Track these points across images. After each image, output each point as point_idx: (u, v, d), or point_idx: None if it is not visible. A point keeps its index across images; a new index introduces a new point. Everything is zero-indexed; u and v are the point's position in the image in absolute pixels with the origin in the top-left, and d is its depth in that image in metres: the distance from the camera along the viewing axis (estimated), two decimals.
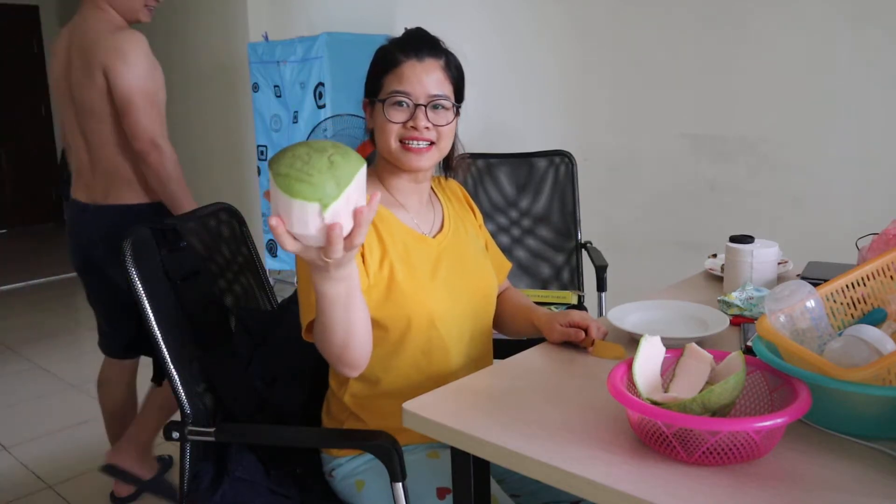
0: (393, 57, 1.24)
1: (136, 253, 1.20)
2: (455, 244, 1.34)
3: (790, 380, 0.91)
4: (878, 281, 1.08)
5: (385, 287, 1.21)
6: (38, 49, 7.40)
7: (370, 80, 1.29)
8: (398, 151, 1.24)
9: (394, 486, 1.08)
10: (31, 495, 2.33)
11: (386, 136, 1.24)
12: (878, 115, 2.50)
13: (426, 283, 1.24)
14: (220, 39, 4.97)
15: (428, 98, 1.23)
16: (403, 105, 1.23)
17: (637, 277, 2.97)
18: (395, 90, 1.22)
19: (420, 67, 1.23)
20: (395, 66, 1.24)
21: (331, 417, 1.34)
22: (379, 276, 1.21)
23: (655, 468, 0.83)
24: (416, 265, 1.25)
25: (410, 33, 1.28)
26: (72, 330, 4.15)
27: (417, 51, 1.24)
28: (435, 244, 1.30)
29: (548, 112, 3.40)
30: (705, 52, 2.88)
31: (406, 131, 1.23)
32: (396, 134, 1.23)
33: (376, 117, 1.26)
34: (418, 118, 1.22)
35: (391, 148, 1.24)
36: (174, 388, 1.21)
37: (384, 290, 1.21)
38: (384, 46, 1.28)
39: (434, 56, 1.25)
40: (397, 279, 1.21)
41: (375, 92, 1.26)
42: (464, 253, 1.35)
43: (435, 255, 1.29)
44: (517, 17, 3.48)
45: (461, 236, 1.37)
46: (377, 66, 1.27)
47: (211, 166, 5.35)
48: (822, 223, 2.64)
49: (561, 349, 1.25)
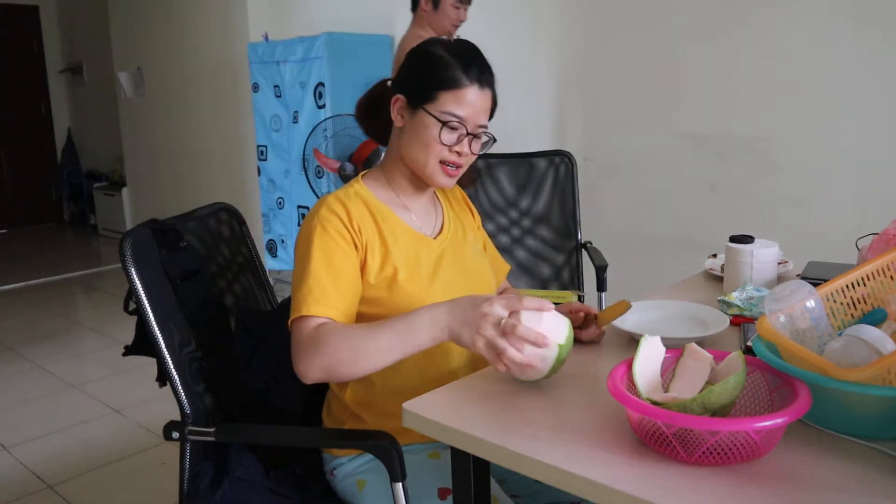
0: (455, 75, 1.22)
1: (136, 253, 1.20)
2: (455, 245, 1.34)
3: (790, 380, 0.91)
4: (878, 281, 1.08)
5: (387, 287, 1.22)
6: (38, 49, 7.40)
7: (418, 83, 1.24)
8: (434, 168, 1.24)
9: (394, 486, 1.08)
10: (31, 495, 2.33)
11: (427, 151, 1.23)
12: (878, 115, 2.50)
13: (427, 284, 1.25)
14: (220, 39, 4.97)
15: (476, 128, 1.25)
16: (456, 129, 1.22)
17: (637, 277, 2.97)
18: (455, 114, 1.21)
19: (480, 97, 1.24)
20: (457, 87, 1.22)
21: (332, 417, 1.34)
22: (380, 277, 1.22)
23: (655, 468, 0.83)
24: (418, 266, 1.25)
25: (473, 54, 1.25)
26: (72, 330, 4.15)
27: (480, 78, 1.23)
28: (436, 245, 1.31)
29: (548, 112, 3.40)
30: (705, 52, 2.88)
31: (449, 154, 1.23)
32: (439, 154, 1.23)
33: (416, 124, 1.24)
34: (464, 145, 1.24)
35: (427, 163, 1.24)
36: (174, 388, 1.21)
37: (386, 290, 1.22)
38: (442, 55, 1.24)
39: (490, 87, 1.26)
40: (399, 280, 1.22)
41: (423, 99, 1.23)
42: (463, 254, 1.35)
43: (436, 256, 1.29)
44: (517, 17, 3.48)
45: (461, 237, 1.38)
46: (433, 75, 1.23)
47: (211, 166, 5.35)
48: (822, 223, 2.64)
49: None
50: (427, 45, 1.28)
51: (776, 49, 2.69)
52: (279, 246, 4.35)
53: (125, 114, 6.25)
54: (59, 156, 7.64)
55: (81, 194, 7.34)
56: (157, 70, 5.67)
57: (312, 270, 1.16)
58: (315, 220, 1.21)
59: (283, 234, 4.31)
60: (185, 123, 5.53)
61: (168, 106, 5.65)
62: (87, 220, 7.30)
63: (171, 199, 5.80)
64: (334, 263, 1.17)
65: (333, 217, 1.21)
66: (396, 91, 1.27)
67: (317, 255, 1.17)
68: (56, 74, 7.55)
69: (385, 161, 1.34)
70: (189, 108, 5.43)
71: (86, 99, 7.41)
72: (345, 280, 1.18)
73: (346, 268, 1.19)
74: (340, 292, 1.17)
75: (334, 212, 1.21)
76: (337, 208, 1.22)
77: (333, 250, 1.18)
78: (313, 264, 1.17)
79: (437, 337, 1.07)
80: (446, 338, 1.07)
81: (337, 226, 1.20)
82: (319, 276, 1.16)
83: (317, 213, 1.22)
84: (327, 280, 1.16)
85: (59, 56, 7.54)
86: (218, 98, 5.11)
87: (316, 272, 1.16)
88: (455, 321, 1.06)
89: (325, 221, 1.20)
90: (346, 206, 1.23)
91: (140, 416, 2.87)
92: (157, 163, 5.99)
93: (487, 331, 1.02)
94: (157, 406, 2.87)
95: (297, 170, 4.07)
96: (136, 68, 5.90)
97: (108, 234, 6.83)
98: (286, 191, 4.21)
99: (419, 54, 1.28)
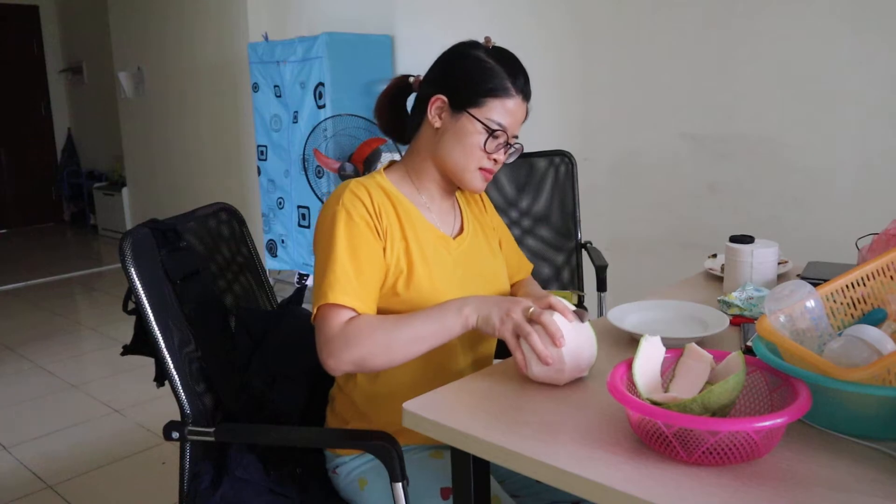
0: (504, 84, 1.22)
1: (136, 253, 1.20)
2: (473, 247, 1.35)
3: (790, 380, 0.91)
4: (878, 281, 1.08)
5: (402, 280, 1.21)
6: (38, 49, 7.41)
7: (464, 86, 1.23)
8: (472, 174, 1.26)
9: (394, 486, 1.08)
10: (31, 495, 2.33)
11: (468, 156, 1.24)
12: (878, 115, 2.50)
13: (443, 282, 1.24)
14: (220, 39, 4.97)
15: (512, 138, 1.27)
16: (499, 138, 1.24)
17: (637, 277, 2.97)
18: (502, 124, 1.23)
19: (521, 108, 1.26)
20: (506, 96, 1.22)
21: (335, 415, 1.34)
22: (396, 269, 1.21)
23: (655, 468, 0.83)
24: (438, 263, 1.26)
25: (518, 65, 1.26)
26: (72, 330, 4.15)
27: (524, 89, 1.25)
28: (455, 245, 1.31)
29: (548, 112, 3.40)
30: (706, 53, 2.88)
31: (488, 161, 1.25)
32: (480, 160, 1.25)
33: (459, 128, 1.23)
34: (502, 153, 1.26)
35: (468, 168, 1.25)
36: (174, 387, 1.21)
37: (404, 282, 1.21)
38: (487, 61, 1.24)
39: (529, 99, 1.28)
40: (416, 275, 1.21)
41: (468, 103, 1.22)
42: (480, 256, 1.36)
43: (454, 257, 1.30)
44: (517, 17, 3.49)
45: (479, 239, 1.38)
46: (482, 81, 1.23)
47: (211, 166, 5.35)
48: (822, 223, 2.64)
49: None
50: (469, 49, 1.27)
51: (776, 49, 2.69)
52: (279, 246, 4.35)
53: (125, 114, 6.25)
54: (59, 156, 7.64)
55: (81, 194, 7.34)
56: (157, 70, 5.67)
57: (338, 258, 1.15)
58: (339, 205, 1.19)
59: (283, 234, 4.31)
60: (185, 123, 5.53)
61: (168, 106, 5.65)
62: (87, 220, 7.31)
63: (171, 199, 5.81)
64: (358, 251, 1.17)
65: (357, 202, 1.20)
66: (436, 91, 1.26)
67: (341, 242, 1.16)
68: (56, 74, 7.55)
69: (410, 158, 1.32)
70: (189, 108, 5.43)
71: (86, 99, 7.42)
72: (368, 269, 1.17)
73: (369, 256, 1.18)
74: (364, 282, 1.16)
75: (358, 197, 1.20)
76: (361, 193, 1.21)
77: (357, 237, 1.17)
78: (337, 251, 1.16)
79: (467, 320, 1.12)
80: (474, 322, 1.11)
81: (361, 211, 1.19)
82: (344, 264, 1.15)
83: (340, 197, 1.21)
84: (351, 268, 1.15)
85: (59, 56, 7.55)
86: (218, 98, 5.11)
87: (341, 260, 1.15)
88: (485, 305, 1.12)
89: (349, 206, 1.19)
90: (370, 191, 1.22)
91: (140, 416, 2.87)
92: (156, 163, 5.99)
93: (516, 313, 1.08)
94: (157, 406, 2.87)
95: (297, 170, 4.07)
96: (136, 68, 5.90)
97: (108, 234, 6.83)
98: (286, 191, 4.21)
99: (464, 58, 1.26)
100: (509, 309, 1.09)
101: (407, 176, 1.31)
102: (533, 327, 1.06)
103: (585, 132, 3.30)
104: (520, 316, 1.08)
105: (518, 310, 1.09)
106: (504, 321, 1.08)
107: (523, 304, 1.10)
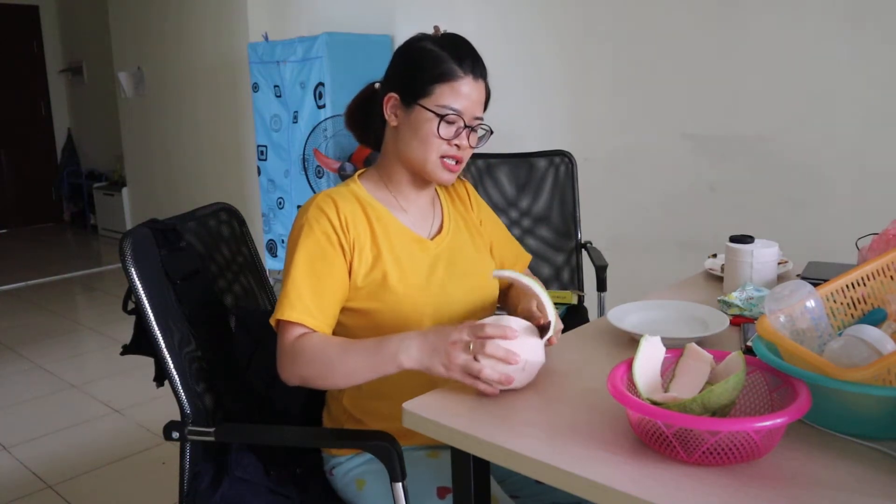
0: (449, 67, 1.21)
1: (135, 253, 1.20)
2: (454, 245, 1.34)
3: (790, 380, 0.91)
4: (878, 281, 1.08)
5: (378, 289, 1.21)
6: (38, 49, 7.41)
7: (411, 79, 1.23)
8: (434, 164, 1.24)
9: (393, 485, 1.08)
10: (31, 495, 2.33)
11: (426, 148, 1.22)
12: (878, 115, 2.50)
13: (420, 286, 1.24)
14: (220, 39, 4.97)
15: (473, 120, 1.24)
16: (454, 122, 1.22)
17: (637, 277, 2.97)
18: (452, 107, 1.21)
19: (475, 88, 1.23)
20: (452, 79, 1.21)
21: (332, 418, 1.34)
22: (369, 279, 1.22)
23: (655, 468, 0.83)
24: (412, 268, 1.25)
25: (464, 47, 1.25)
26: (72, 330, 4.15)
27: (474, 69, 1.23)
28: (433, 246, 1.30)
29: (548, 112, 3.40)
30: (706, 53, 2.88)
31: (449, 148, 1.23)
32: (439, 149, 1.22)
33: (413, 121, 1.23)
34: (463, 138, 1.23)
35: (428, 159, 1.23)
36: (174, 387, 1.21)
37: (376, 290, 1.21)
38: (432, 49, 1.23)
39: (483, 77, 1.25)
40: (390, 282, 1.21)
41: (417, 94, 1.22)
42: (463, 253, 1.35)
43: (432, 258, 1.29)
44: (517, 17, 3.48)
45: (462, 237, 1.37)
46: (426, 69, 1.21)
47: (211, 166, 5.35)
48: (822, 223, 2.64)
49: (561, 349, 1.24)
50: (415, 41, 1.26)
51: (776, 49, 2.69)
52: (279, 246, 4.35)
53: (125, 114, 6.25)
54: (59, 156, 7.64)
55: (81, 194, 7.34)
56: (156, 70, 5.67)
57: (294, 274, 1.17)
58: (304, 219, 1.21)
59: (283, 234, 4.31)
60: (184, 123, 5.53)
61: (168, 106, 5.65)
62: (87, 220, 7.30)
63: (171, 199, 5.81)
64: (316, 267, 1.18)
65: (322, 217, 1.20)
66: (388, 90, 1.26)
67: (300, 259, 1.18)
68: (56, 74, 7.55)
69: (381, 163, 1.32)
70: (189, 108, 5.43)
71: (86, 99, 7.42)
72: (325, 285, 1.18)
73: (328, 272, 1.19)
74: (318, 299, 1.17)
75: (324, 211, 1.21)
76: (327, 207, 1.21)
77: (317, 253, 1.18)
78: (295, 268, 1.17)
79: (403, 367, 1.07)
80: (416, 367, 1.07)
81: (325, 226, 1.20)
82: (301, 281, 1.17)
83: (306, 211, 1.22)
84: (306, 285, 1.16)
85: (59, 56, 7.55)
86: (218, 98, 5.11)
87: (298, 276, 1.17)
88: (425, 353, 1.06)
89: (313, 221, 1.20)
90: (336, 204, 1.22)
91: (140, 416, 2.87)
92: (156, 163, 5.99)
93: (460, 357, 1.02)
94: (157, 406, 2.87)
95: (297, 170, 4.07)
96: (136, 68, 5.90)
97: (108, 234, 6.83)
98: (286, 191, 4.21)
99: (409, 51, 1.26)
100: (448, 353, 1.03)
101: (381, 180, 1.31)
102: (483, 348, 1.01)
103: (586, 132, 3.30)
104: (464, 358, 1.02)
105: (459, 353, 1.02)
106: (449, 367, 1.03)
107: (462, 342, 1.03)
